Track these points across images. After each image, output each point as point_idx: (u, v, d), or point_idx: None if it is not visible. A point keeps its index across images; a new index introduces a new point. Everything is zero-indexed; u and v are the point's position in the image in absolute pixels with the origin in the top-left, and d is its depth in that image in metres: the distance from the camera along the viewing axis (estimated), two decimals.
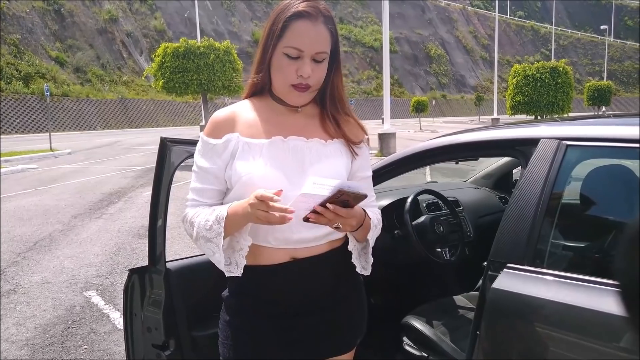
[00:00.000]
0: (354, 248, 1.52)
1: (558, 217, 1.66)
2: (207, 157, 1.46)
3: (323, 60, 1.42)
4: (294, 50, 1.38)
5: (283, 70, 1.41)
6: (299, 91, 1.42)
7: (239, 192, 1.41)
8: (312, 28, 1.38)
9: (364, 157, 1.57)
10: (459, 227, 2.77)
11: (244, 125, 1.46)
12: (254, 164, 1.40)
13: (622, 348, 1.37)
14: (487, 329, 1.66)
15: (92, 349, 3.61)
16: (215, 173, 1.46)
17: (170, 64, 16.28)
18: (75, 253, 5.99)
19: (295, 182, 1.39)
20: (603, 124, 1.75)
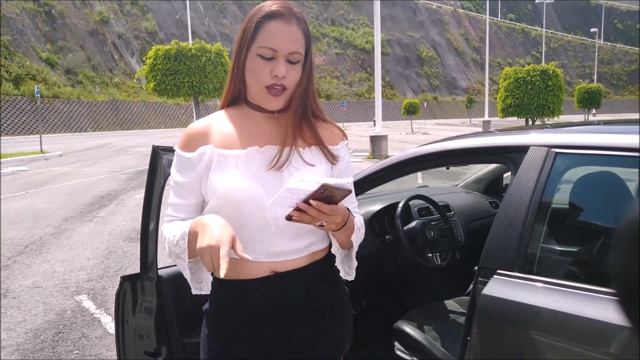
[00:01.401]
0: (337, 251, 1.48)
1: (547, 224, 1.68)
2: (182, 171, 1.43)
3: (297, 62, 1.39)
4: (268, 51, 1.35)
5: (257, 71, 1.37)
6: (274, 94, 1.38)
7: (216, 206, 1.38)
8: (285, 28, 1.36)
9: (343, 163, 1.52)
10: (450, 232, 2.79)
11: (219, 136, 1.42)
12: (229, 176, 1.36)
13: (611, 354, 1.39)
14: (477, 334, 1.68)
15: (84, 353, 3.59)
16: (190, 187, 1.42)
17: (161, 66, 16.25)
18: (66, 257, 5.96)
19: (273, 192, 1.33)
20: (592, 131, 1.77)
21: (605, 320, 1.37)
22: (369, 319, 2.82)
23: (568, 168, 1.71)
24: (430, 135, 30.57)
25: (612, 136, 1.64)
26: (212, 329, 1.47)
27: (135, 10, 56.22)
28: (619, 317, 0.81)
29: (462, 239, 2.92)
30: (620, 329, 1.33)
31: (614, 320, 1.34)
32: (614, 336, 1.38)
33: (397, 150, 16.81)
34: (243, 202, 1.35)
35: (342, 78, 68.00)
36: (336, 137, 1.52)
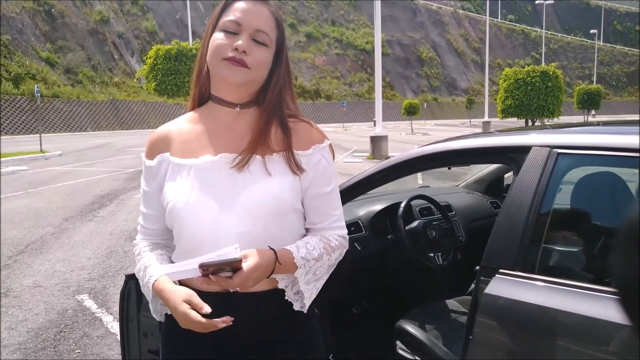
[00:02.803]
0: (285, 287, 1.32)
1: (549, 224, 1.69)
2: (146, 179, 1.38)
3: (264, 45, 1.28)
4: (231, 24, 1.26)
5: (217, 44, 1.26)
6: (232, 63, 1.24)
7: (168, 220, 1.32)
8: (252, 5, 1.28)
9: (318, 170, 1.34)
10: (451, 232, 2.81)
11: (177, 143, 1.34)
12: (179, 189, 1.28)
13: (614, 353, 1.40)
14: (479, 334, 1.69)
15: (85, 353, 3.60)
16: (153, 196, 1.37)
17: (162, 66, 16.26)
18: (67, 256, 5.97)
19: (227, 208, 1.25)
20: (594, 132, 1.79)
21: (608, 319, 1.38)
22: (371, 319, 2.83)
23: (570, 168, 1.72)
24: (430, 135, 30.58)
25: (614, 137, 1.65)
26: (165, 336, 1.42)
27: (136, 10, 56.23)
28: (621, 316, 0.82)
29: (463, 238, 2.94)
30: (623, 328, 1.34)
31: (616, 319, 1.35)
32: (616, 335, 1.39)
33: (397, 150, 16.82)
34: (191, 217, 1.26)
35: (342, 78, 68.03)
36: (309, 141, 1.35)
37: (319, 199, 1.35)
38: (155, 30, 55.80)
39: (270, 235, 1.28)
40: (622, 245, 0.82)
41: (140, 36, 54.61)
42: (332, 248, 1.34)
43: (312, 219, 1.37)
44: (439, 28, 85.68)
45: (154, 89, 16.51)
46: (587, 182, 1.76)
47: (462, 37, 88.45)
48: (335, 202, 1.39)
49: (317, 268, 1.30)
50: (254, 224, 1.26)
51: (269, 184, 1.27)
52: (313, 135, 1.36)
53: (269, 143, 1.30)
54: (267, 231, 1.27)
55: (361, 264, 2.54)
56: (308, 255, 1.28)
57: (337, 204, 1.40)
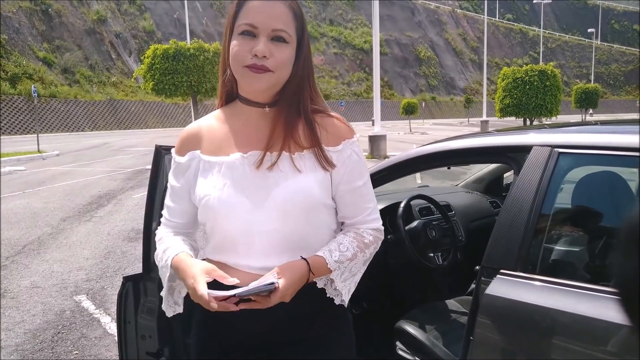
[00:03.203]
0: (324, 286, 1.33)
1: (550, 224, 1.68)
2: (175, 175, 1.40)
3: (284, 42, 1.25)
4: (247, 27, 1.23)
5: (237, 50, 1.24)
6: (255, 71, 1.23)
7: (201, 216, 1.33)
8: (267, 4, 1.24)
9: (348, 165, 1.33)
10: (451, 232, 2.80)
11: (207, 141, 1.35)
12: (212, 186, 1.29)
13: (614, 353, 1.39)
14: (480, 334, 1.68)
15: (83, 354, 3.59)
16: (181, 193, 1.38)
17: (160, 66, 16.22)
18: (64, 257, 5.94)
19: (259, 204, 1.26)
20: (595, 131, 1.78)
21: (609, 320, 1.37)
22: (371, 319, 2.82)
23: (571, 168, 1.71)
24: (428, 135, 30.60)
25: (616, 136, 1.64)
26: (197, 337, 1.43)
27: (133, 10, 56.12)
28: (621, 317, 0.81)
29: (463, 238, 2.93)
30: (624, 328, 1.33)
31: (617, 320, 1.34)
32: (617, 335, 1.38)
33: (395, 150, 16.81)
34: (224, 214, 1.27)
35: (340, 78, 68.00)
36: (339, 136, 1.34)
37: (352, 193, 1.35)
38: (152, 29, 55.69)
39: (302, 232, 1.29)
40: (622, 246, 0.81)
41: (138, 36, 54.50)
42: (366, 244, 1.35)
43: (346, 214, 1.37)
44: (437, 27, 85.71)
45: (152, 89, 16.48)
46: (588, 182, 1.75)
47: (460, 36, 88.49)
48: (368, 194, 1.39)
49: (352, 267, 1.32)
50: (286, 221, 1.26)
51: (299, 180, 1.27)
52: (342, 130, 1.35)
53: (298, 140, 1.30)
54: (299, 227, 1.28)
55: None
56: (342, 257, 1.29)
57: (371, 196, 1.40)
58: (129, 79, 47.23)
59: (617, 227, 0.80)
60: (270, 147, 1.29)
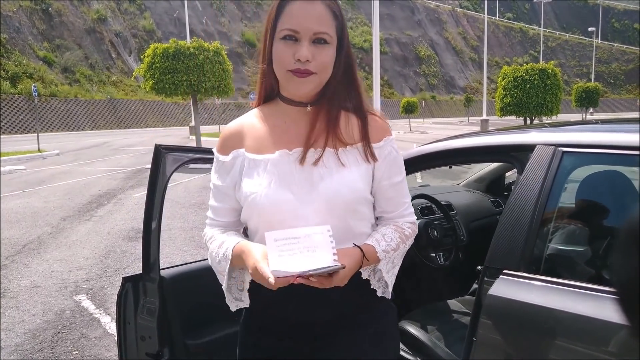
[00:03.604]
0: (368, 276, 1.39)
1: (554, 224, 1.67)
2: (218, 174, 1.41)
3: (326, 43, 1.27)
4: (289, 32, 1.26)
5: (280, 55, 1.27)
6: (299, 76, 1.26)
7: (247, 213, 1.35)
8: (306, 6, 1.26)
9: (389, 161, 1.39)
10: (453, 231, 2.78)
11: (251, 139, 1.38)
12: (258, 183, 1.31)
13: (619, 355, 1.38)
14: (483, 335, 1.67)
15: (83, 354, 3.57)
16: (226, 191, 1.39)
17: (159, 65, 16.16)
18: (64, 256, 5.93)
19: (305, 200, 1.29)
20: (599, 130, 1.76)
21: (614, 321, 1.36)
22: None
23: (575, 167, 1.70)
24: (428, 134, 30.57)
25: (620, 135, 1.62)
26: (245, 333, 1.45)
27: (133, 9, 56.06)
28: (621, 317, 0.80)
29: (464, 238, 2.91)
30: None
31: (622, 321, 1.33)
32: (622, 337, 1.37)
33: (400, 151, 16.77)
34: (271, 211, 1.30)
35: None
36: (381, 133, 1.39)
37: (392, 188, 1.40)
38: (152, 28, 55.62)
39: (347, 226, 1.33)
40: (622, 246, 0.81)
41: (138, 35, 54.44)
42: (407, 236, 1.41)
43: (385, 208, 1.42)
44: (437, 26, 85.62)
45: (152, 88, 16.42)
46: (592, 181, 1.74)
47: (460, 35, 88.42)
48: (405, 189, 1.45)
49: (394, 257, 1.38)
50: (332, 215, 1.29)
51: (343, 175, 1.31)
52: (383, 127, 1.40)
53: (340, 136, 1.34)
54: (344, 222, 1.32)
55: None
56: (387, 247, 1.34)
57: (407, 191, 1.46)
58: (129, 78, 47.18)
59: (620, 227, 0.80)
60: (314, 143, 1.32)
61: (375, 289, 1.39)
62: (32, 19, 45.26)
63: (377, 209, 1.43)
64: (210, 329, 2.11)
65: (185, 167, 2.03)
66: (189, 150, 2.06)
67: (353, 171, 1.33)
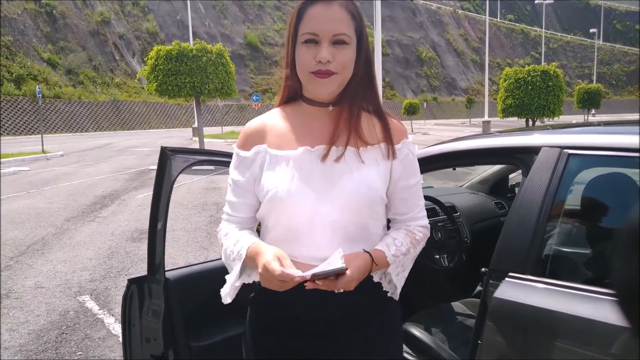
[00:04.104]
0: (380, 279, 1.42)
1: (560, 226, 1.67)
2: (239, 170, 1.43)
3: (345, 44, 1.31)
4: (309, 35, 1.30)
5: (302, 58, 1.32)
6: (320, 77, 1.31)
7: (266, 208, 1.38)
8: (325, 10, 1.30)
9: (406, 163, 1.42)
10: (457, 233, 2.78)
11: (273, 136, 1.41)
12: (279, 178, 1.34)
13: (627, 358, 1.37)
14: (489, 338, 1.66)
15: (87, 355, 3.58)
16: (245, 187, 1.42)
17: (163, 67, 16.17)
18: (68, 257, 5.94)
19: (324, 196, 1.32)
20: (605, 132, 1.76)
21: (621, 324, 1.35)
22: None
23: (581, 169, 1.69)
24: (430, 135, 30.55)
25: (626, 137, 1.62)
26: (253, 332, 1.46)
27: (136, 11, 56.16)
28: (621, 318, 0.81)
29: (468, 240, 2.91)
30: None
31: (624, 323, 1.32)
32: (629, 340, 1.36)
33: None
34: (291, 206, 1.32)
35: None
36: (400, 135, 1.43)
37: (407, 190, 1.44)
38: (156, 31, 55.71)
39: (362, 223, 1.36)
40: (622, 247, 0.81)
41: (141, 37, 54.53)
42: (417, 241, 1.45)
43: (400, 210, 1.46)
44: (438, 28, 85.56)
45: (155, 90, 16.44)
46: (598, 183, 1.73)
47: (461, 36, 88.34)
48: (419, 192, 1.49)
49: (404, 261, 1.43)
50: (349, 212, 1.33)
51: (362, 173, 1.34)
52: (401, 130, 1.44)
53: (361, 135, 1.37)
54: (360, 219, 1.35)
55: None
56: (397, 252, 1.38)
57: (421, 194, 1.50)
58: (133, 80, 47.22)
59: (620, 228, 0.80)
60: (336, 141, 1.36)
61: (387, 291, 1.44)
62: (36, 22, 45.39)
63: (390, 210, 1.46)
64: (215, 330, 2.11)
65: (188, 169, 2.03)
66: (195, 152, 2.07)
67: (372, 170, 1.36)
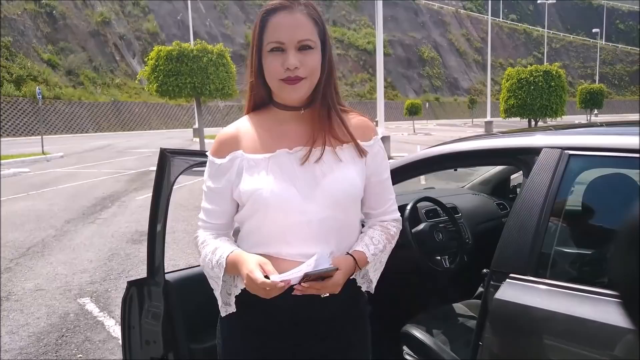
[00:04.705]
0: (355, 275, 1.46)
1: (561, 227, 1.66)
2: (214, 177, 1.45)
3: (310, 49, 1.36)
4: (275, 44, 1.34)
5: (270, 67, 1.36)
6: (291, 83, 1.35)
7: (248, 211, 1.40)
8: (288, 17, 1.34)
9: (378, 159, 1.48)
10: (458, 234, 2.76)
11: (248, 141, 1.43)
12: (261, 180, 1.37)
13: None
14: (490, 340, 1.65)
15: (87, 357, 3.57)
16: (221, 193, 1.44)
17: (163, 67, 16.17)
18: (68, 259, 5.94)
19: (309, 195, 1.36)
20: (606, 133, 1.75)
21: (622, 325, 1.34)
22: (377, 323, 2.78)
23: (582, 170, 1.68)
24: (432, 135, 30.53)
25: (628, 138, 1.61)
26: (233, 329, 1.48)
27: (137, 11, 56.20)
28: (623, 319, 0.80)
29: (470, 241, 2.89)
30: None
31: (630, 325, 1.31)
32: (631, 341, 1.35)
33: (399, 150, 16.79)
34: (277, 206, 1.35)
35: (343, 79, 67.95)
36: (369, 132, 1.49)
37: (380, 185, 1.50)
38: (156, 31, 55.76)
39: (346, 219, 1.42)
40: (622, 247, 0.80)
41: (142, 37, 54.58)
42: (392, 236, 1.52)
43: (373, 205, 1.52)
44: (440, 28, 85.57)
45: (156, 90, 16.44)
46: (599, 184, 1.72)
47: (463, 36, 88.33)
48: (390, 187, 1.55)
49: (382, 257, 1.50)
50: (334, 210, 1.38)
51: (344, 172, 1.40)
52: (371, 127, 1.51)
53: (335, 135, 1.42)
54: (345, 216, 1.41)
55: None
56: (376, 250, 1.45)
57: (392, 188, 1.56)
58: (133, 81, 47.19)
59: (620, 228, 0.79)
60: (313, 142, 1.40)
61: (360, 285, 1.48)
62: (36, 22, 45.44)
63: (365, 205, 1.51)
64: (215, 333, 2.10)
65: (188, 170, 2.02)
66: (194, 154, 2.06)
67: (351, 168, 1.41)
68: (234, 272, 1.37)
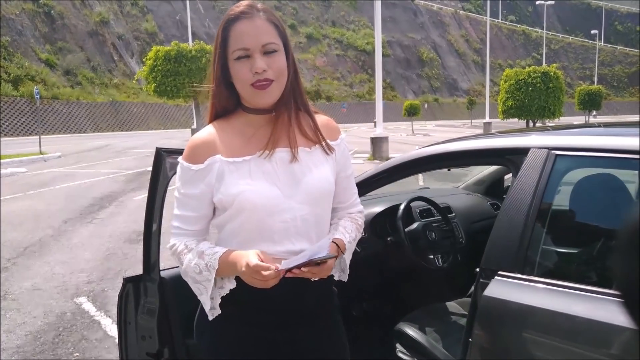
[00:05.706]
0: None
1: (548, 226, 1.68)
2: (190, 183, 1.44)
3: (275, 52, 1.39)
4: (241, 51, 1.37)
5: (239, 74, 1.38)
6: (261, 89, 1.38)
7: (231, 213, 1.42)
8: (250, 24, 1.38)
9: (344, 156, 1.58)
10: (451, 234, 2.79)
11: (225, 146, 1.44)
12: (244, 183, 1.39)
13: (613, 355, 1.39)
14: (479, 336, 1.68)
15: (84, 356, 3.59)
16: (199, 199, 1.44)
17: (161, 68, 16.24)
18: (66, 259, 5.95)
19: (291, 194, 1.41)
20: (592, 134, 1.78)
21: (607, 322, 1.37)
22: (370, 321, 2.81)
23: (568, 170, 1.71)
24: (431, 136, 30.57)
25: (613, 138, 1.65)
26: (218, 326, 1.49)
27: (135, 11, 56.22)
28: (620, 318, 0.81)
29: (463, 240, 2.92)
30: (622, 330, 1.33)
31: (615, 322, 1.34)
32: (615, 337, 1.38)
33: (398, 151, 16.79)
34: (263, 206, 1.38)
35: (342, 79, 68.01)
36: (336, 132, 1.57)
37: (347, 180, 1.60)
38: (155, 31, 55.77)
39: (323, 215, 1.50)
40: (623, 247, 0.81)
41: (140, 37, 54.60)
42: (360, 225, 1.64)
43: (341, 199, 1.61)
44: (439, 29, 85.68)
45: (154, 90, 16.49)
46: (585, 184, 1.75)
47: (462, 37, 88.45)
48: (354, 182, 1.66)
49: (353, 245, 1.59)
50: (315, 207, 1.45)
51: (320, 170, 1.47)
52: (337, 128, 1.59)
53: (307, 134, 1.49)
54: (321, 211, 1.48)
55: (360, 265, 2.52)
56: (350, 239, 1.55)
57: (355, 183, 1.67)
58: (131, 81, 47.21)
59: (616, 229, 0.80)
60: (288, 143, 1.45)
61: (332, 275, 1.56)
62: (34, 22, 45.42)
63: (334, 199, 1.57)
64: None
65: None
66: None
67: (325, 166, 1.49)
68: (227, 272, 1.39)
